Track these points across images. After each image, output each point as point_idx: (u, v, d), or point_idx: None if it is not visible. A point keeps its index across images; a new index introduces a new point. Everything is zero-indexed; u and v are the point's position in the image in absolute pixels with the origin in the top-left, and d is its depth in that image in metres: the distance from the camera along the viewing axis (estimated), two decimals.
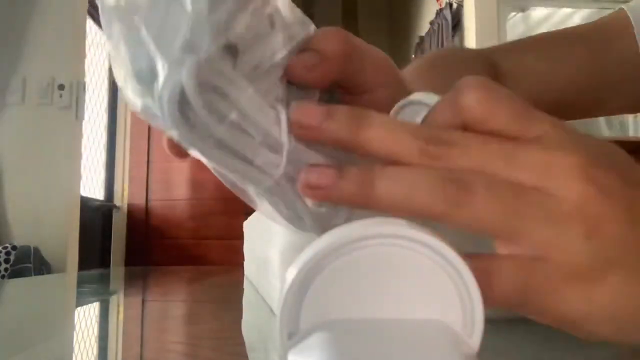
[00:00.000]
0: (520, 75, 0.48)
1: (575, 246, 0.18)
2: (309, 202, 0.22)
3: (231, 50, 0.20)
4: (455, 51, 0.59)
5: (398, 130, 0.20)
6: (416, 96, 0.25)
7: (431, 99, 0.23)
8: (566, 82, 0.50)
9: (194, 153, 0.20)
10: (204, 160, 0.21)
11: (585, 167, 0.19)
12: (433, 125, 0.21)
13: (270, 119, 0.20)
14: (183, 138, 0.19)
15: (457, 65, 0.46)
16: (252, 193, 0.22)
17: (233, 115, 0.20)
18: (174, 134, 0.19)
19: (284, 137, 0.21)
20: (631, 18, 0.49)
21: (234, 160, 0.20)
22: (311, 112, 0.20)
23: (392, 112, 0.25)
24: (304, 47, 0.23)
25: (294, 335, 0.16)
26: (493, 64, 0.47)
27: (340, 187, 0.19)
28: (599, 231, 0.18)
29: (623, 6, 0.51)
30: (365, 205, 0.19)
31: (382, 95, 0.27)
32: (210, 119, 0.19)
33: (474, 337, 0.16)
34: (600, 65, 0.50)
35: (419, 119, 0.23)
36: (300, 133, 0.21)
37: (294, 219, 0.22)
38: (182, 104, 0.19)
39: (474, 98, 0.20)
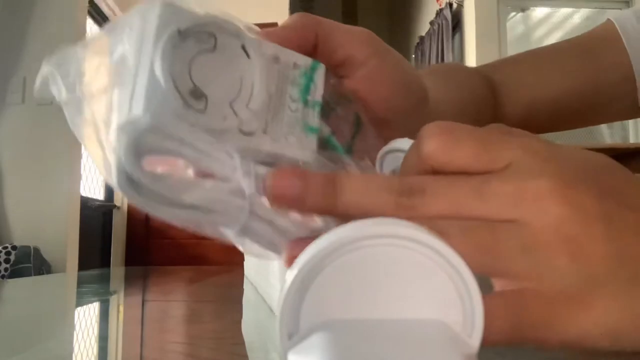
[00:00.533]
0: (515, 87, 0.48)
1: (560, 271, 0.18)
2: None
3: (196, 94, 0.20)
4: (457, 65, 0.61)
5: (372, 189, 0.20)
6: (397, 144, 0.25)
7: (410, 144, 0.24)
8: (561, 91, 0.50)
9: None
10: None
11: (556, 190, 0.19)
12: (405, 174, 0.22)
13: (228, 169, 0.20)
14: (136, 203, 0.20)
15: (457, 74, 0.47)
16: (231, 237, 0.22)
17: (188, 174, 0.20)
18: (127, 198, 0.20)
19: (243, 183, 0.20)
20: (618, 28, 0.50)
21: (198, 214, 0.20)
22: (287, 183, 0.20)
23: (377, 158, 0.26)
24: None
25: (294, 335, 0.16)
26: (489, 79, 0.48)
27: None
28: (581, 252, 0.18)
29: (609, 17, 0.52)
30: None
31: (374, 66, 0.27)
32: (160, 186, 0.19)
33: (474, 337, 0.16)
34: (594, 73, 0.50)
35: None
36: (277, 203, 0.20)
37: (278, 251, 0.22)
38: (128, 175, 0.19)
39: (434, 144, 0.20)
